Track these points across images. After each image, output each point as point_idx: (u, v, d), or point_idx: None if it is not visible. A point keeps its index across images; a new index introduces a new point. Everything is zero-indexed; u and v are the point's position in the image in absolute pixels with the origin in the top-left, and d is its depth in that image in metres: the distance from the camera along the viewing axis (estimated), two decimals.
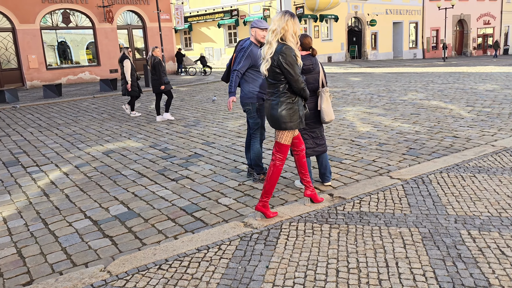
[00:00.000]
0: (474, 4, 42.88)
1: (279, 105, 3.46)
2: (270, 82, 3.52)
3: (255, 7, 28.48)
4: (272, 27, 3.41)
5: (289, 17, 3.40)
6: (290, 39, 3.39)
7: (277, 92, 3.48)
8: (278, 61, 3.34)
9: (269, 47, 3.41)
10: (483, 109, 8.61)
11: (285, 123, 3.46)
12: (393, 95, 11.44)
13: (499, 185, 4.09)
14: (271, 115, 3.52)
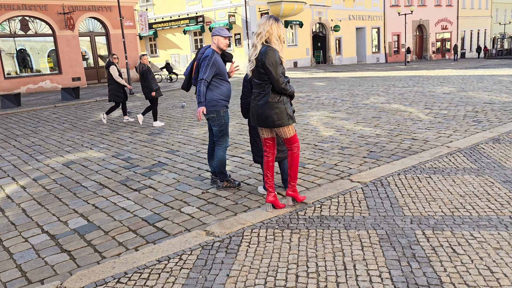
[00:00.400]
0: (432, 10, 44.61)
1: (266, 105, 3.62)
2: (256, 82, 3.68)
3: (221, 13, 28.54)
4: (257, 31, 3.59)
5: (274, 21, 3.57)
6: (275, 42, 3.57)
7: (263, 93, 3.64)
8: (262, 61, 3.51)
9: (254, 49, 3.58)
10: (440, 111, 8.95)
11: (273, 122, 3.63)
12: (356, 99, 11.72)
13: (452, 185, 4.26)
14: (258, 114, 3.66)
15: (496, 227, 3.30)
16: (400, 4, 40.24)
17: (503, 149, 5.48)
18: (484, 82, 14.68)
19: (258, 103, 3.67)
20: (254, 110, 3.72)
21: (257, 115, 3.69)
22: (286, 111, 3.67)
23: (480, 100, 10.22)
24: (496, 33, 54.18)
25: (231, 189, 4.70)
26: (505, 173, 4.53)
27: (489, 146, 5.68)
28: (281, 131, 3.73)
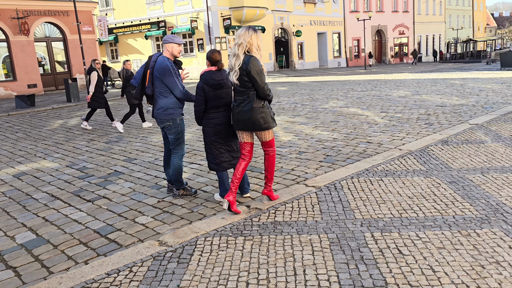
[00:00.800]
0: (390, 16, 46.15)
1: (252, 110, 3.87)
2: (239, 90, 3.91)
3: (183, 18, 28.36)
4: (238, 41, 3.81)
5: (253, 31, 3.81)
6: (255, 51, 3.83)
7: (247, 99, 3.87)
8: (247, 70, 3.75)
9: (236, 59, 3.81)
10: (395, 114, 9.26)
11: (260, 125, 3.91)
12: (315, 103, 11.93)
13: (402, 187, 4.41)
14: (244, 119, 3.91)
15: (440, 227, 3.45)
16: (359, 10, 41.40)
17: (451, 151, 5.73)
18: (437, 85, 15.31)
19: (244, 109, 3.89)
20: (240, 116, 3.93)
21: (244, 120, 3.92)
22: (270, 115, 3.99)
23: (432, 103, 10.65)
24: (450, 38, 56.67)
25: (188, 197, 4.67)
26: (451, 174, 4.74)
27: (438, 148, 5.93)
28: (265, 134, 4.02)
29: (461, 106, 9.81)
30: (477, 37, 60.29)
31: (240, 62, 3.77)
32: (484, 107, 9.44)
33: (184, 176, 5.46)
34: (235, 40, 3.87)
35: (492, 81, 15.74)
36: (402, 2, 48.12)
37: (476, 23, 66.72)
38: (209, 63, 4.31)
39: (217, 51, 4.32)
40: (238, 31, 3.88)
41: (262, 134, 4.03)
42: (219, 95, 4.24)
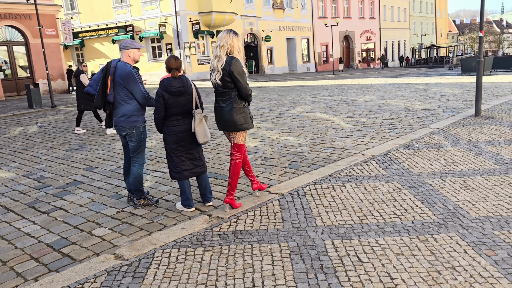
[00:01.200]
0: (357, 22, 47.15)
1: (233, 110, 3.99)
2: (221, 91, 4.03)
3: (151, 23, 27.99)
4: (220, 43, 3.95)
5: (234, 34, 3.97)
6: (236, 54, 3.97)
7: (229, 99, 3.99)
8: (229, 71, 3.87)
9: (218, 60, 3.94)
10: (360, 119, 9.40)
11: (241, 125, 4.01)
12: (283, 108, 11.97)
13: (364, 193, 4.44)
14: (226, 119, 4.02)
15: (399, 233, 3.48)
16: (327, 16, 42.09)
17: (412, 155, 5.83)
18: (401, 90, 15.69)
19: (225, 109, 4.01)
20: (222, 116, 4.05)
21: (224, 120, 4.03)
22: (249, 115, 4.13)
23: (396, 108, 10.88)
24: (415, 43, 58.43)
25: (149, 207, 4.55)
26: (412, 179, 4.82)
27: (400, 152, 6.03)
28: (239, 135, 4.12)
29: (423, 111, 10.06)
30: (440, 43, 62.41)
31: (222, 63, 3.90)
32: (445, 111, 9.72)
33: (146, 185, 5.34)
34: (217, 42, 4.00)
35: (453, 86, 16.27)
36: (369, 8, 49.29)
37: (439, 29, 69.12)
38: (166, 69, 4.24)
39: (174, 58, 4.23)
40: (219, 34, 4.01)
41: (236, 135, 4.13)
42: (179, 102, 4.17)
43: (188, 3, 27.27)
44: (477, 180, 4.66)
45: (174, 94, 4.12)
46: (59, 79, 21.88)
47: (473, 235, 3.36)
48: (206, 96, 16.90)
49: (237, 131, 4.09)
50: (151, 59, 28.84)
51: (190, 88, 4.24)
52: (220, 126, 4.15)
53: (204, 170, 4.44)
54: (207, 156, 6.73)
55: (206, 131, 4.30)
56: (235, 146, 4.17)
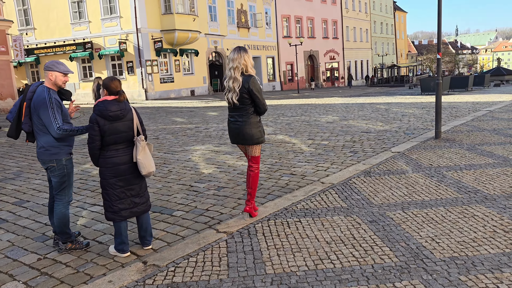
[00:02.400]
0: (321, 42, 47.99)
1: (251, 125, 4.17)
2: (238, 106, 4.16)
3: (111, 40, 27.21)
4: (233, 65, 4.07)
5: (244, 52, 4.09)
6: (251, 71, 4.11)
7: (246, 114, 4.14)
8: (249, 89, 4.04)
9: (234, 81, 4.08)
10: (321, 142, 9.10)
11: (258, 138, 4.19)
12: None
13: (321, 230, 4.03)
14: (243, 133, 4.18)
15: (357, 281, 3.07)
16: (292, 36, 42.57)
17: (373, 183, 5.51)
18: (364, 110, 15.67)
19: (243, 124, 4.16)
20: (238, 130, 4.20)
21: (242, 134, 4.18)
22: (263, 130, 4.32)
23: (358, 129, 10.70)
24: (376, 63, 60.09)
25: (77, 252, 3.95)
26: (372, 211, 4.46)
27: (360, 180, 5.70)
28: (256, 148, 4.29)
29: (384, 132, 9.90)
30: (400, 63, 64.48)
31: (239, 84, 4.03)
32: (406, 133, 9.60)
33: (80, 222, 4.74)
34: (230, 64, 4.11)
35: (413, 106, 16.43)
36: (332, 29, 50.37)
37: (399, 50, 71.59)
38: (107, 91, 3.73)
39: (117, 79, 3.75)
40: (229, 55, 4.13)
41: (253, 148, 4.29)
42: (117, 128, 3.66)
43: (150, 21, 26.74)
44: (440, 212, 4.35)
45: (111, 119, 3.62)
46: (8, 97, 20.65)
47: (438, 282, 3.00)
48: (166, 116, 16.30)
49: (254, 145, 4.25)
50: None
51: (129, 113, 3.75)
52: (237, 140, 4.29)
53: (147, 209, 3.91)
54: (156, 186, 6.18)
55: (150, 161, 3.80)
56: (253, 158, 4.35)
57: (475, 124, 10.14)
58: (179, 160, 7.91)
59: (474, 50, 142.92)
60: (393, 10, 68.20)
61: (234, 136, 4.28)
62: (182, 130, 12.03)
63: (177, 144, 9.70)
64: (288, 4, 42.81)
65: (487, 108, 13.48)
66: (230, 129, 4.31)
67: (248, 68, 4.10)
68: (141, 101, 25.85)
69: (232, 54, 4.10)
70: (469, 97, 20.06)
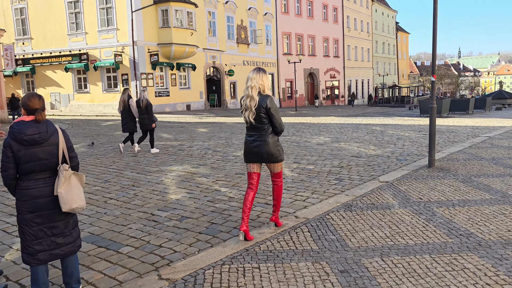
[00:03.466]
0: (321, 60, 47.76)
1: (270, 144, 4.25)
2: (255, 126, 4.24)
3: (107, 52, 26.87)
4: (251, 84, 4.16)
5: (263, 73, 4.21)
6: (268, 91, 4.21)
7: (264, 134, 4.23)
8: (266, 108, 4.13)
9: (251, 100, 4.15)
10: (307, 166, 8.48)
11: (277, 157, 4.32)
12: (229, 150, 10.96)
13: (280, 281, 3.39)
14: (263, 152, 4.25)
15: None
16: (292, 53, 42.32)
17: (352, 220, 4.88)
18: (358, 131, 15.09)
19: (260, 143, 4.23)
20: (257, 149, 4.25)
21: (262, 153, 4.24)
22: (282, 149, 4.43)
23: (349, 152, 10.09)
24: (378, 83, 59.85)
25: None
26: (346, 257, 3.82)
27: (339, 215, 5.07)
28: (277, 166, 4.43)
29: (376, 157, 9.29)
30: (401, 83, 64.27)
31: (256, 103, 4.11)
32: (398, 159, 8.99)
33: (10, 257, 4.10)
34: (248, 83, 4.19)
35: (410, 129, 15.85)
36: (333, 47, 50.23)
37: (401, 70, 71.47)
38: (25, 111, 3.15)
39: (37, 96, 3.18)
40: (249, 74, 4.21)
41: (275, 166, 4.43)
42: (35, 155, 3.07)
43: (147, 34, 26.44)
44: (424, 262, 3.71)
45: (26, 144, 3.03)
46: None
47: None
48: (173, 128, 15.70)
49: (275, 163, 4.37)
50: (106, 90, 27.56)
51: (53, 136, 3.15)
52: (254, 158, 4.32)
53: (73, 250, 3.29)
54: (114, 213, 5.55)
55: (75, 195, 3.19)
56: (275, 175, 4.49)
57: (473, 152, 9.52)
58: (150, 182, 7.29)
59: (477, 72, 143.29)
60: (396, 30, 68.31)
61: (252, 154, 4.30)
62: (164, 148, 11.43)
63: (154, 163, 9.09)
64: (289, 21, 42.71)
65: (486, 134, 12.88)
66: (248, 148, 4.33)
67: (265, 88, 4.18)
68: None
69: (251, 73, 4.19)
70: (469, 121, 19.49)
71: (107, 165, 8.99)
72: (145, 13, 26.14)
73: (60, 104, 29.03)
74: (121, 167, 8.79)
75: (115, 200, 6.23)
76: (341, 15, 51.43)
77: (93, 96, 27.94)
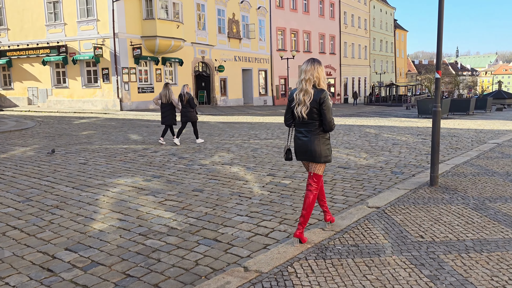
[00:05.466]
0: (317, 57, 46.13)
1: (320, 142, 3.97)
2: (305, 121, 3.96)
3: (86, 44, 25.26)
4: (305, 77, 3.88)
5: (318, 65, 3.92)
6: (323, 84, 3.94)
7: (315, 130, 3.96)
8: (320, 103, 3.86)
9: (304, 93, 3.88)
10: (282, 180, 7.00)
11: (326, 157, 4.02)
12: (198, 156, 9.45)
13: None
14: (311, 150, 3.97)
15: None
16: (286, 49, 40.77)
17: (324, 276, 3.39)
18: (350, 134, 13.59)
19: (309, 140, 3.96)
20: (306, 147, 3.98)
21: (309, 151, 3.97)
22: (331, 148, 4.14)
23: (336, 162, 8.60)
24: (375, 81, 58.36)
25: None
26: None
27: (307, 267, 3.57)
28: (321, 166, 4.06)
29: (367, 169, 7.81)
30: (399, 82, 62.86)
31: (310, 97, 3.85)
32: (393, 172, 7.51)
33: None
34: (301, 76, 3.91)
35: (408, 132, 14.37)
36: (329, 44, 48.70)
37: (398, 68, 70.04)
38: None
39: None
40: (302, 66, 3.94)
41: (318, 166, 4.06)
42: None
43: (129, 25, 24.84)
44: None
45: None
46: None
47: None
48: (125, 131, 14.07)
49: (321, 163, 4.03)
50: (86, 85, 25.98)
51: None
52: (303, 156, 4.07)
53: None
54: (2, 253, 4.03)
55: None
56: (315, 176, 4.09)
57: (482, 164, 8.03)
58: (81, 202, 5.79)
59: (474, 72, 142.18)
60: (394, 28, 66.82)
61: (301, 152, 4.06)
62: (124, 153, 9.91)
63: (101, 174, 7.57)
64: (284, 16, 41.14)
65: (493, 140, 11.39)
66: (297, 145, 4.09)
67: (320, 81, 3.92)
68: (115, 112, 23.76)
69: (304, 65, 3.94)
70: (471, 123, 18.05)
71: (43, 176, 7.47)
72: (127, 3, 24.54)
73: (38, 100, 27.42)
74: (59, 178, 7.26)
75: (18, 230, 4.72)
76: (338, 11, 49.89)
77: (72, 91, 26.34)
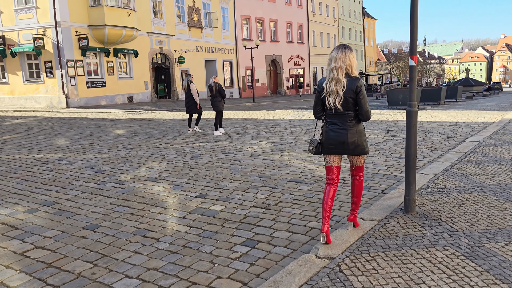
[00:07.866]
0: (285, 46, 44.65)
1: (357, 134, 3.73)
2: (339, 112, 3.69)
3: (26, 35, 22.73)
4: (336, 65, 3.61)
5: (350, 51, 3.66)
6: (355, 72, 3.67)
7: (351, 121, 3.70)
8: (356, 92, 3.61)
9: (336, 82, 3.61)
10: (213, 205, 5.28)
11: (363, 149, 3.80)
12: (120, 168, 7.61)
13: None
14: (349, 143, 3.70)
15: None
16: (252, 38, 38.96)
17: None
18: (312, 132, 12.02)
19: (346, 132, 3.69)
20: (341, 139, 3.71)
21: (347, 143, 3.71)
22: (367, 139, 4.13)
23: (289, 172, 6.98)
24: None
25: None
26: None
27: None
28: (361, 158, 3.91)
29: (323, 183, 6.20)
30: (368, 71, 62.11)
31: (343, 86, 3.60)
32: None
33: None
34: (332, 64, 3.65)
35: (377, 127, 12.92)
36: (297, 33, 47.18)
37: (368, 57, 69.37)
38: None
39: None
40: (332, 54, 3.70)
41: (358, 159, 3.92)
42: None
43: (73, 13, 22.45)
44: None
45: None
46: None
47: None
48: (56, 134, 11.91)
49: (360, 155, 3.86)
50: (27, 80, 23.48)
51: None
52: (338, 149, 3.77)
53: None
54: None
55: None
56: (357, 168, 3.97)
57: (467, 172, 6.51)
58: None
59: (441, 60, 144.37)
60: (362, 16, 65.95)
61: (337, 144, 3.73)
62: (29, 166, 7.96)
63: None
64: (249, 4, 39.26)
65: (473, 137, 10.02)
66: (332, 137, 3.74)
67: (353, 69, 3.63)
68: (60, 109, 21.46)
69: (334, 53, 3.65)
70: (444, 115, 16.85)
71: None
72: None
73: None
74: None
75: None
76: None
77: (13, 87, 23.80)
